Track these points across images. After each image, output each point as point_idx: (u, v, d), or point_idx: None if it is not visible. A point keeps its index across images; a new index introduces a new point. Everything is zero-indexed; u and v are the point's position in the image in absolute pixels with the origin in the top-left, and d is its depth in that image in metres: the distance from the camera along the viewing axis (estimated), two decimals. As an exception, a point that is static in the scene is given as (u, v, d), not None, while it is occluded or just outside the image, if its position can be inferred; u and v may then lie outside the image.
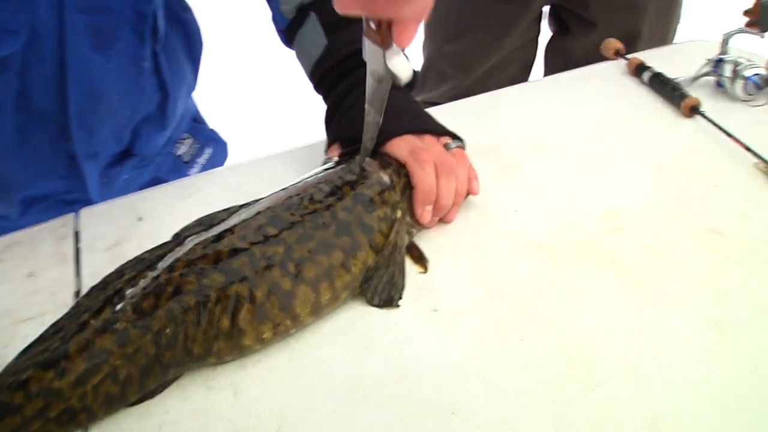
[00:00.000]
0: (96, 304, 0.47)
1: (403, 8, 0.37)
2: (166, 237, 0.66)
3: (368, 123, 0.54)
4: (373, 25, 0.42)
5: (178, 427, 0.47)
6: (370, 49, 0.45)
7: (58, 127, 0.72)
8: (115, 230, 0.68)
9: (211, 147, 0.99)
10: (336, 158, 0.69)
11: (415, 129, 0.67)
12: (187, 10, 0.90)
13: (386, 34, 0.42)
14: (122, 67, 0.75)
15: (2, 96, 0.66)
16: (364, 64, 0.70)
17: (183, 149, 0.95)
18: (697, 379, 0.49)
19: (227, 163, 1.04)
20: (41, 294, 0.61)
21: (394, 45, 0.43)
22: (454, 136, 0.69)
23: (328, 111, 0.73)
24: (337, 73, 0.71)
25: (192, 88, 0.96)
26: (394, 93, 0.70)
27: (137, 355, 0.46)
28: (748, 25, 1.08)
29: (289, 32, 0.76)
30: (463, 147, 0.69)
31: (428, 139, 0.67)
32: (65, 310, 0.58)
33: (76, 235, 0.69)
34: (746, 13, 1.19)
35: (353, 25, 0.71)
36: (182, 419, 0.48)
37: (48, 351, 0.44)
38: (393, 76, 0.45)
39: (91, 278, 0.62)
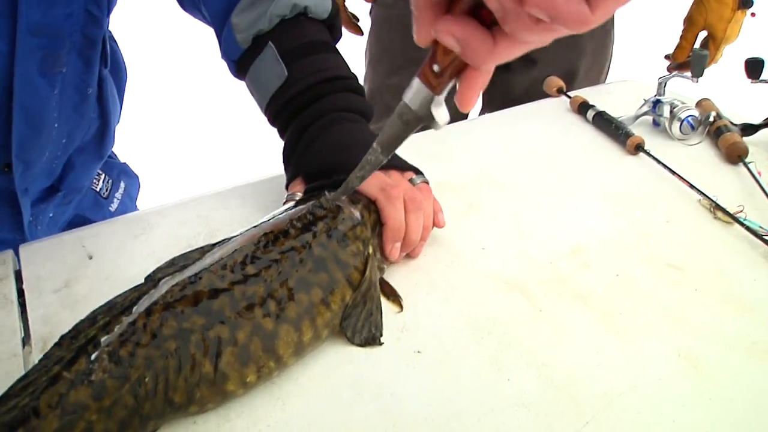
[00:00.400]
0: (68, 354, 0.43)
1: (493, 61, 0.37)
2: (122, 277, 0.62)
3: (368, 161, 0.53)
4: (437, 69, 0.41)
5: (158, 487, 0.44)
6: (417, 91, 0.44)
7: None
8: (64, 270, 0.63)
9: (123, 181, 0.96)
10: (300, 194, 0.67)
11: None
12: (114, 41, 0.87)
13: (445, 83, 0.42)
14: (66, 93, 0.71)
15: None
16: (323, 97, 0.69)
17: (100, 185, 0.91)
18: (678, 407, 0.51)
19: (141, 196, 1.02)
20: (-17, 342, 0.55)
21: (442, 94, 0.43)
22: (417, 171, 0.70)
23: (287, 144, 0.71)
24: (296, 104, 0.69)
25: (118, 120, 0.92)
26: (355, 126, 0.69)
27: (115, 408, 0.42)
28: (671, 69, 1.17)
29: (242, 62, 0.73)
30: (427, 182, 0.69)
31: (395, 175, 0.67)
32: (14, 362, 0.53)
33: (17, 275, 0.64)
34: (668, 57, 1.29)
35: (313, 55, 0.70)
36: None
37: (16, 409, 0.39)
38: (431, 121, 0.45)
39: (42, 323, 0.57)
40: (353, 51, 0.97)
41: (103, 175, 0.92)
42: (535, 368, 0.54)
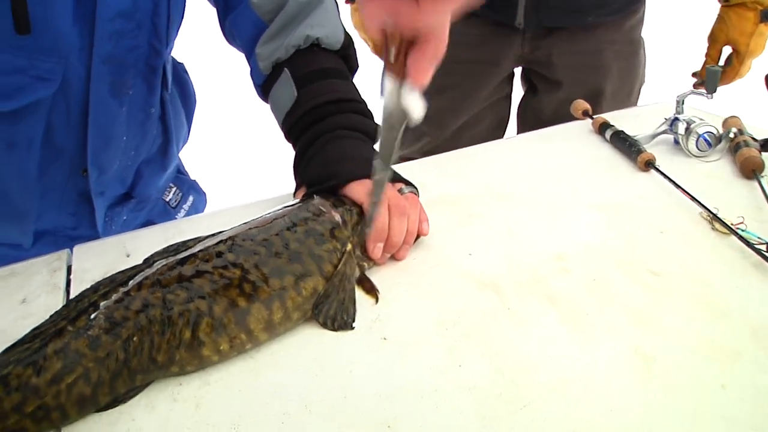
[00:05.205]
0: (73, 314, 0.53)
1: (425, 19, 0.42)
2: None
3: (375, 182, 0.61)
4: (393, 54, 0.46)
5: (141, 434, 0.52)
6: (386, 86, 0.49)
7: (75, 163, 0.82)
8: (104, 265, 0.75)
9: (192, 195, 1.09)
10: (298, 201, 0.75)
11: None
12: (186, 72, 1.01)
13: (403, 66, 0.46)
14: (133, 111, 0.85)
15: (33, 132, 0.76)
16: (328, 116, 0.77)
17: (170, 196, 1.04)
18: (618, 398, 0.53)
19: (207, 211, 1.13)
20: (33, 318, 0.66)
21: (410, 83, 0.47)
22: (407, 183, 0.76)
23: (295, 158, 0.80)
24: (304, 123, 0.78)
25: (185, 140, 1.05)
26: (355, 143, 0.77)
27: (108, 360, 0.51)
28: (695, 86, 1.17)
29: (265, 87, 0.84)
30: (415, 192, 0.76)
31: None
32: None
33: (68, 269, 0.76)
34: (694, 74, 1.29)
35: (323, 80, 0.79)
36: (147, 427, 0.52)
37: (28, 351, 0.50)
38: (405, 114, 0.50)
39: (78, 304, 0.67)
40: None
41: (175, 188, 1.06)
42: (488, 357, 0.58)
